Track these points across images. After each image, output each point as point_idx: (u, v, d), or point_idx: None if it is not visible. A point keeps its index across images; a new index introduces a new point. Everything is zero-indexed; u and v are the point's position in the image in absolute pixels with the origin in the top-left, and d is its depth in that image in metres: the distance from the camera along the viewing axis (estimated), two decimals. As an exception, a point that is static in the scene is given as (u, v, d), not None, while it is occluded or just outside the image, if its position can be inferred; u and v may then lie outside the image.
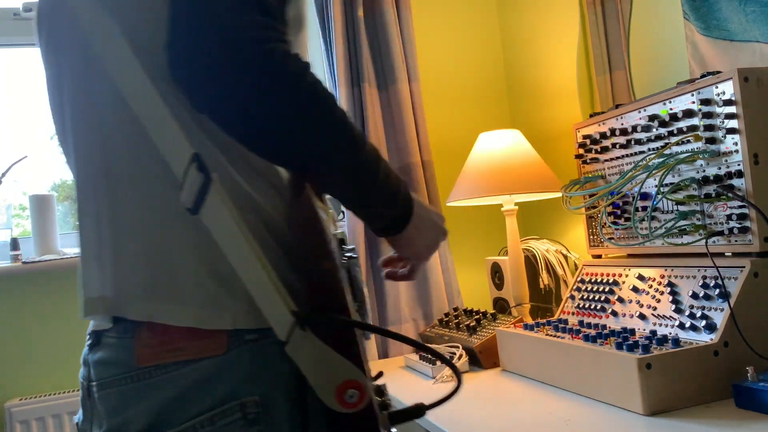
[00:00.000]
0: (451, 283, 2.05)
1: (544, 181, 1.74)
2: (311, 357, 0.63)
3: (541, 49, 2.12)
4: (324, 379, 0.62)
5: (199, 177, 0.63)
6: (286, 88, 0.63)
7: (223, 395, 0.65)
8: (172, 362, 0.65)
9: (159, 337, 0.65)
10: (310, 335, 0.63)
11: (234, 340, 0.66)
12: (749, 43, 1.34)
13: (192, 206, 0.63)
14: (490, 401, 1.29)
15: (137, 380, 0.65)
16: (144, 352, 0.66)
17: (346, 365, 0.63)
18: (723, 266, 1.14)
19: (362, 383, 0.63)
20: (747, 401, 1.01)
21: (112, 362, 0.67)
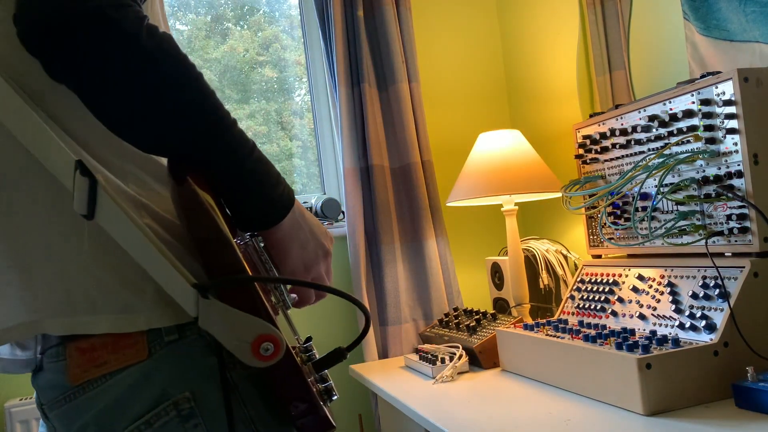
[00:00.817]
0: (451, 283, 2.06)
1: (544, 181, 1.74)
2: (221, 322, 0.65)
3: (541, 49, 2.12)
4: (237, 340, 0.65)
5: (85, 181, 0.63)
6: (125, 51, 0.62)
7: (155, 397, 0.68)
8: (100, 376, 0.68)
9: (87, 355, 0.68)
10: (214, 302, 0.65)
11: (155, 344, 0.69)
12: (749, 44, 1.34)
13: (86, 212, 0.64)
14: (490, 401, 1.29)
15: (74, 398, 0.69)
16: (75, 372, 0.68)
17: (255, 321, 0.65)
18: (723, 266, 1.14)
19: (274, 334, 0.65)
20: (747, 401, 1.02)
21: (51, 386, 0.71)
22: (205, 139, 0.68)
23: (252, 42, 2.36)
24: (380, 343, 1.99)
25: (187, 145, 0.68)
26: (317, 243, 0.80)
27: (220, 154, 0.70)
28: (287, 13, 2.40)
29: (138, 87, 0.64)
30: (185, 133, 0.67)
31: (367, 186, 2.03)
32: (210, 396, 0.69)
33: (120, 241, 0.65)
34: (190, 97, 0.67)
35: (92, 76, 0.63)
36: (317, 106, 2.25)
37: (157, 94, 0.65)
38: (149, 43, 0.63)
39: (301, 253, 0.79)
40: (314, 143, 2.30)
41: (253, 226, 0.76)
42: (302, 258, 0.79)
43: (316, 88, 2.24)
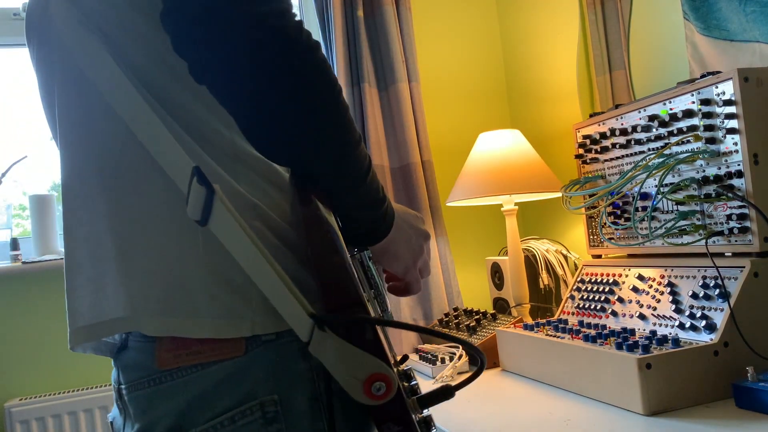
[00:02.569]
0: (451, 283, 2.05)
1: (544, 181, 1.74)
2: (334, 355, 0.63)
3: (541, 49, 2.12)
4: (349, 376, 0.62)
5: (202, 190, 0.62)
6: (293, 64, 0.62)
7: (242, 395, 0.66)
8: (192, 365, 0.66)
9: (179, 341, 0.66)
10: (330, 335, 0.63)
11: (252, 342, 0.67)
12: (749, 43, 1.34)
13: (200, 218, 0.63)
14: (490, 401, 1.29)
15: (160, 383, 0.67)
16: (165, 356, 0.67)
17: (370, 360, 0.63)
18: (723, 266, 1.14)
19: (388, 375, 0.63)
20: (747, 401, 1.02)
21: (137, 366, 0.69)
22: (337, 156, 0.68)
23: (252, 42, 2.36)
24: (380, 343, 1.99)
25: (320, 161, 0.68)
26: (417, 233, 0.82)
27: (347, 173, 0.70)
28: (287, 13, 2.40)
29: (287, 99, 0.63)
30: (321, 149, 0.67)
31: (367, 186, 2.03)
32: (296, 402, 0.68)
33: (232, 251, 0.63)
34: (333, 115, 0.66)
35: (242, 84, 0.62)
36: (317, 106, 2.24)
37: (304, 109, 0.64)
38: (308, 56, 0.63)
39: (408, 250, 0.80)
40: (314, 143, 2.30)
41: (366, 242, 0.77)
42: (410, 253, 0.80)
43: (316, 88, 2.24)
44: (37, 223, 1.96)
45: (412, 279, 0.83)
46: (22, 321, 1.90)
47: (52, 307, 1.91)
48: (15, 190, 2.23)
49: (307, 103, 0.64)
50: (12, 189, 2.21)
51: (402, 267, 0.80)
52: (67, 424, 1.85)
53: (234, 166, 0.70)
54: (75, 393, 1.87)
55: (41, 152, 2.18)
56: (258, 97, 0.62)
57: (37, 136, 2.18)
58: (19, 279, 1.91)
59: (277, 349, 0.68)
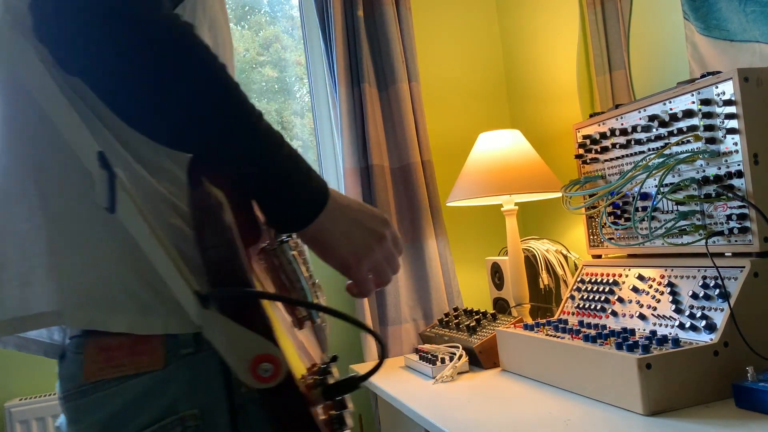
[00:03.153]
0: (451, 283, 2.05)
1: (544, 181, 1.74)
2: (221, 336, 0.62)
3: (541, 49, 2.12)
4: (237, 356, 0.61)
5: (104, 174, 0.62)
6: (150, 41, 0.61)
7: (162, 410, 0.67)
8: (114, 378, 0.67)
9: (104, 354, 0.68)
10: (215, 313, 0.62)
11: (171, 355, 0.68)
12: (749, 43, 1.34)
13: (108, 205, 0.63)
14: (490, 401, 1.29)
15: (86, 395, 0.68)
16: (90, 368, 0.68)
17: (256, 339, 0.61)
18: (723, 266, 1.14)
19: (274, 355, 0.61)
20: (747, 401, 1.02)
21: (69, 377, 0.70)
22: (225, 134, 0.65)
23: (252, 42, 2.36)
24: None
25: (207, 141, 0.65)
26: (365, 230, 0.74)
27: (244, 152, 0.66)
28: (288, 13, 2.40)
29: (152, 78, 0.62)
30: (203, 127, 0.65)
31: (367, 186, 2.03)
32: (218, 416, 0.68)
33: (136, 237, 0.63)
34: (207, 89, 0.64)
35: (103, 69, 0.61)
36: (317, 106, 2.25)
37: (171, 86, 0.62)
38: (165, 34, 0.62)
39: (348, 245, 0.73)
40: (314, 143, 2.30)
41: (288, 227, 0.72)
42: (350, 249, 0.73)
43: (316, 88, 2.24)
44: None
45: (357, 278, 0.76)
46: (22, 321, 1.90)
47: (52, 307, 1.91)
48: None
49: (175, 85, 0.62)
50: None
51: (337, 262, 0.74)
52: (67, 424, 1.85)
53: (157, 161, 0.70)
54: (75, 393, 1.87)
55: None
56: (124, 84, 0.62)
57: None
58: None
59: (196, 362, 0.68)
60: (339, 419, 0.70)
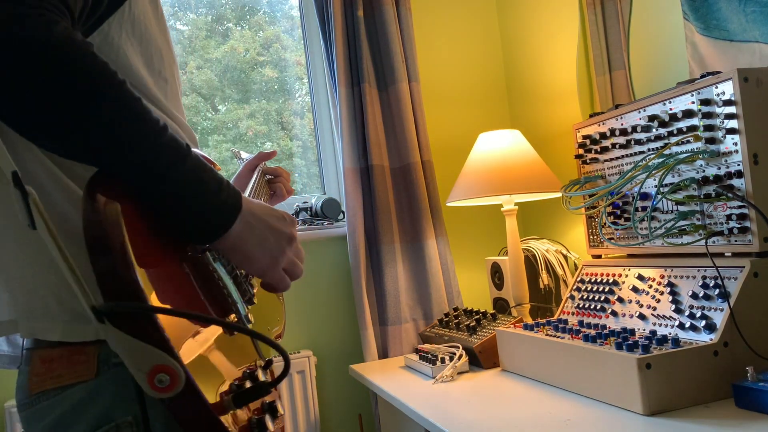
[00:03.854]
0: (451, 283, 2.05)
1: (544, 181, 1.74)
2: (121, 349, 0.62)
3: (541, 49, 2.12)
4: (135, 368, 0.62)
5: (17, 193, 0.62)
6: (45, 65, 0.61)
7: (98, 417, 0.69)
8: (53, 388, 0.70)
9: (46, 365, 0.71)
10: (110, 328, 0.62)
11: (103, 365, 0.70)
12: (749, 43, 1.34)
13: (29, 222, 0.63)
14: (490, 401, 1.29)
15: (31, 406, 0.72)
16: (34, 380, 0.71)
17: (151, 350, 0.62)
18: (723, 266, 1.14)
19: (170, 366, 0.62)
20: (747, 401, 1.02)
21: (20, 389, 0.74)
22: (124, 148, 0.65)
23: (252, 42, 2.36)
24: (380, 343, 1.99)
25: (107, 156, 0.65)
26: (278, 234, 0.77)
27: (141, 167, 0.66)
28: (288, 13, 2.40)
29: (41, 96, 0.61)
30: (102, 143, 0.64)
31: (367, 186, 2.03)
32: (152, 420, 0.69)
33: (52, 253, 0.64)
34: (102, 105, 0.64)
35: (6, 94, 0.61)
36: (317, 106, 2.25)
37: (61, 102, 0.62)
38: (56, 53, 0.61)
39: (263, 250, 0.76)
40: (314, 143, 2.30)
41: (200, 239, 0.73)
42: (266, 254, 0.76)
43: (316, 88, 2.24)
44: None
45: (273, 279, 0.79)
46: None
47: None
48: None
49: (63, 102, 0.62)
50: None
51: (257, 268, 0.77)
52: (68, 424, 1.85)
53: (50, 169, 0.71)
54: (75, 393, 1.87)
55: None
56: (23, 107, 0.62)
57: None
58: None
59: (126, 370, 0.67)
60: (259, 424, 0.71)
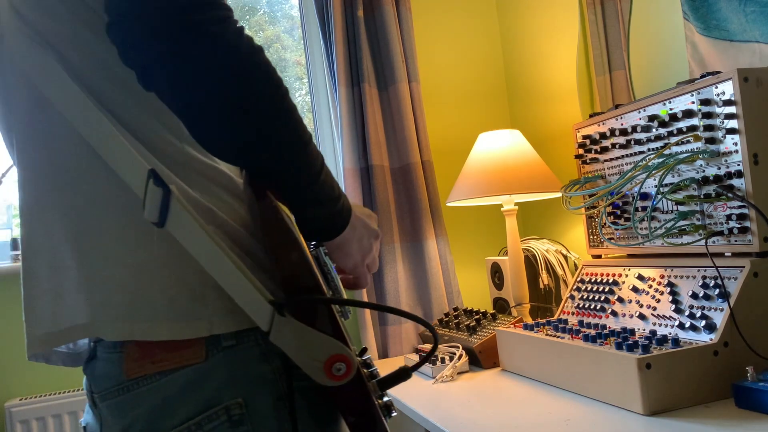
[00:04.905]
0: (451, 283, 2.05)
1: (544, 181, 1.74)
2: (295, 340, 0.66)
3: (541, 49, 2.12)
4: (311, 358, 0.66)
5: (159, 190, 0.64)
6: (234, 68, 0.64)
7: (206, 400, 0.68)
8: (155, 373, 0.69)
9: (144, 350, 0.69)
10: (290, 320, 0.66)
11: (212, 348, 0.69)
12: (749, 43, 1.34)
13: (157, 220, 0.65)
14: (490, 401, 1.29)
15: (128, 391, 0.70)
16: (131, 365, 0.69)
17: (329, 341, 0.66)
18: (723, 266, 1.14)
19: (347, 355, 0.66)
20: (747, 401, 1.02)
21: (106, 375, 0.71)
22: (287, 155, 0.69)
23: (252, 42, 2.36)
24: (380, 343, 1.99)
25: (271, 160, 0.69)
26: (369, 231, 0.83)
27: (298, 171, 0.71)
28: (288, 13, 2.40)
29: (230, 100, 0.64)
30: (270, 148, 0.68)
31: (367, 186, 2.03)
32: (261, 404, 0.70)
33: (191, 250, 0.65)
34: (279, 114, 0.68)
35: (189, 89, 0.63)
36: (317, 106, 2.25)
37: (247, 108, 0.66)
38: (248, 59, 0.65)
39: (359, 248, 0.81)
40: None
41: (321, 237, 0.78)
42: (360, 252, 0.82)
43: (316, 88, 2.24)
44: (37, 223, 1.96)
45: (360, 275, 0.84)
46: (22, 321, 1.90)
47: (52, 307, 1.91)
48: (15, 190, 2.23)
49: (250, 105, 0.66)
50: (12, 189, 2.21)
51: (351, 263, 0.82)
52: (67, 424, 1.85)
53: (186, 173, 0.72)
54: (75, 393, 1.87)
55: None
56: (204, 102, 0.64)
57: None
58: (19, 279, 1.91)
59: (237, 354, 0.70)
60: (386, 407, 0.74)
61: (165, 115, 0.69)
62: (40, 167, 0.73)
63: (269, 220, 0.68)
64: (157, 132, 0.71)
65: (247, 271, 0.66)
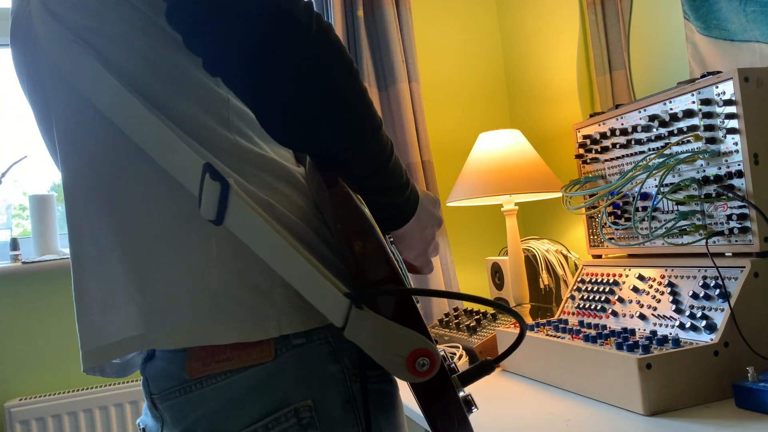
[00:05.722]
0: (451, 283, 2.05)
1: (544, 181, 1.74)
2: (373, 335, 0.60)
3: (541, 49, 2.12)
4: (392, 353, 0.60)
5: (216, 185, 0.60)
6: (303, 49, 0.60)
7: (275, 402, 0.65)
8: (221, 372, 0.65)
9: (209, 349, 0.65)
10: (368, 313, 0.60)
11: (281, 346, 0.66)
12: (749, 43, 1.34)
13: (215, 217, 0.61)
14: (490, 401, 1.29)
15: (190, 391, 0.66)
16: (194, 365, 0.66)
17: (412, 335, 0.60)
18: (723, 266, 1.14)
19: (430, 350, 0.61)
20: (747, 401, 1.01)
21: (167, 375, 0.68)
22: (359, 139, 0.66)
23: (252, 42, 2.35)
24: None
25: (343, 144, 0.66)
26: (432, 219, 0.80)
27: (370, 156, 0.68)
28: (287, 13, 2.40)
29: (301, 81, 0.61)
30: (343, 132, 0.65)
31: (367, 186, 2.03)
32: (330, 405, 0.66)
33: (254, 246, 0.61)
34: (352, 97, 0.65)
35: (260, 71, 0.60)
36: (317, 106, 2.25)
37: (320, 89, 0.62)
38: (320, 37, 0.61)
39: (423, 237, 0.79)
40: (314, 143, 2.30)
41: (388, 226, 0.75)
42: (424, 240, 0.79)
43: (316, 88, 2.24)
44: (37, 223, 1.96)
45: (423, 262, 0.82)
46: (22, 321, 1.90)
47: (51, 307, 1.91)
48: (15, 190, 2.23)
49: (322, 86, 0.62)
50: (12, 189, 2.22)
51: (413, 253, 0.80)
52: (67, 424, 1.85)
53: (241, 166, 0.68)
54: (75, 393, 1.87)
55: (41, 152, 2.18)
56: (272, 85, 0.61)
57: (37, 136, 2.17)
58: (19, 279, 1.91)
59: (307, 352, 0.66)
60: (467, 402, 0.70)
61: (214, 107, 0.66)
62: (84, 172, 0.70)
63: (343, 207, 0.63)
64: (207, 125, 0.68)
65: (319, 265, 0.62)
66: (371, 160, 0.68)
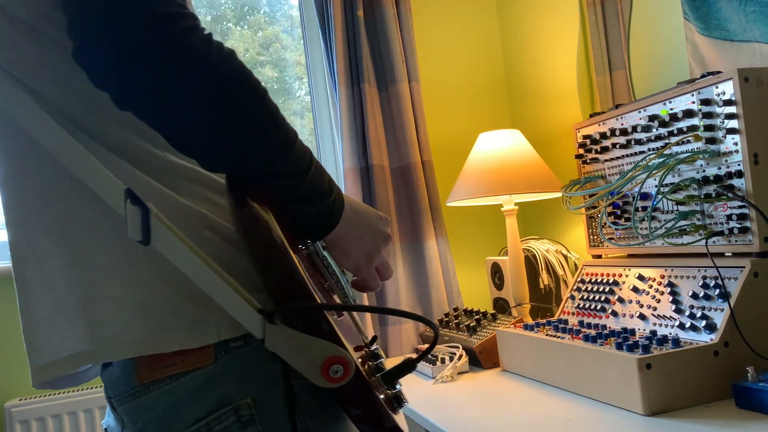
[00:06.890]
0: (451, 283, 2.05)
1: (544, 181, 1.74)
2: (289, 346, 0.66)
3: (541, 49, 2.12)
4: (307, 363, 0.66)
5: (137, 210, 0.64)
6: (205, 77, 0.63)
7: (216, 402, 0.69)
8: (167, 377, 0.69)
9: (154, 356, 0.70)
10: (281, 327, 0.66)
11: (221, 350, 0.70)
12: (749, 43, 1.34)
13: (142, 238, 0.64)
14: (490, 401, 1.29)
15: (141, 395, 0.70)
16: (143, 371, 0.70)
17: (323, 344, 0.66)
18: (723, 266, 1.14)
19: (343, 356, 0.66)
20: (747, 401, 1.02)
21: (120, 381, 0.72)
22: (270, 157, 0.68)
23: (252, 42, 2.36)
24: (380, 343, 1.99)
25: (253, 164, 0.68)
26: (375, 233, 0.81)
27: (283, 173, 0.70)
28: (287, 13, 2.40)
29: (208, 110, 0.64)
30: (252, 152, 0.67)
31: (367, 186, 2.03)
32: (271, 404, 0.70)
33: (178, 265, 0.65)
34: (259, 117, 0.67)
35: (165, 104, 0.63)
36: (317, 106, 2.25)
37: (227, 116, 0.65)
38: (220, 66, 0.64)
39: (361, 247, 0.80)
40: (314, 143, 2.30)
41: (313, 235, 0.77)
42: (363, 250, 0.80)
43: (316, 88, 2.24)
44: (37, 223, 1.96)
45: (366, 276, 0.83)
46: (22, 321, 1.90)
47: (52, 307, 1.91)
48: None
49: (228, 110, 0.65)
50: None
51: (352, 263, 0.80)
52: (67, 424, 1.85)
53: (173, 181, 0.72)
54: (75, 393, 1.87)
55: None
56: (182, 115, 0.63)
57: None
58: (19, 279, 1.91)
59: (246, 354, 0.70)
60: (396, 398, 0.74)
61: (142, 127, 0.68)
62: (26, 197, 0.72)
63: (251, 230, 0.67)
64: (137, 144, 0.71)
65: (234, 282, 0.66)
66: (288, 174, 0.71)
